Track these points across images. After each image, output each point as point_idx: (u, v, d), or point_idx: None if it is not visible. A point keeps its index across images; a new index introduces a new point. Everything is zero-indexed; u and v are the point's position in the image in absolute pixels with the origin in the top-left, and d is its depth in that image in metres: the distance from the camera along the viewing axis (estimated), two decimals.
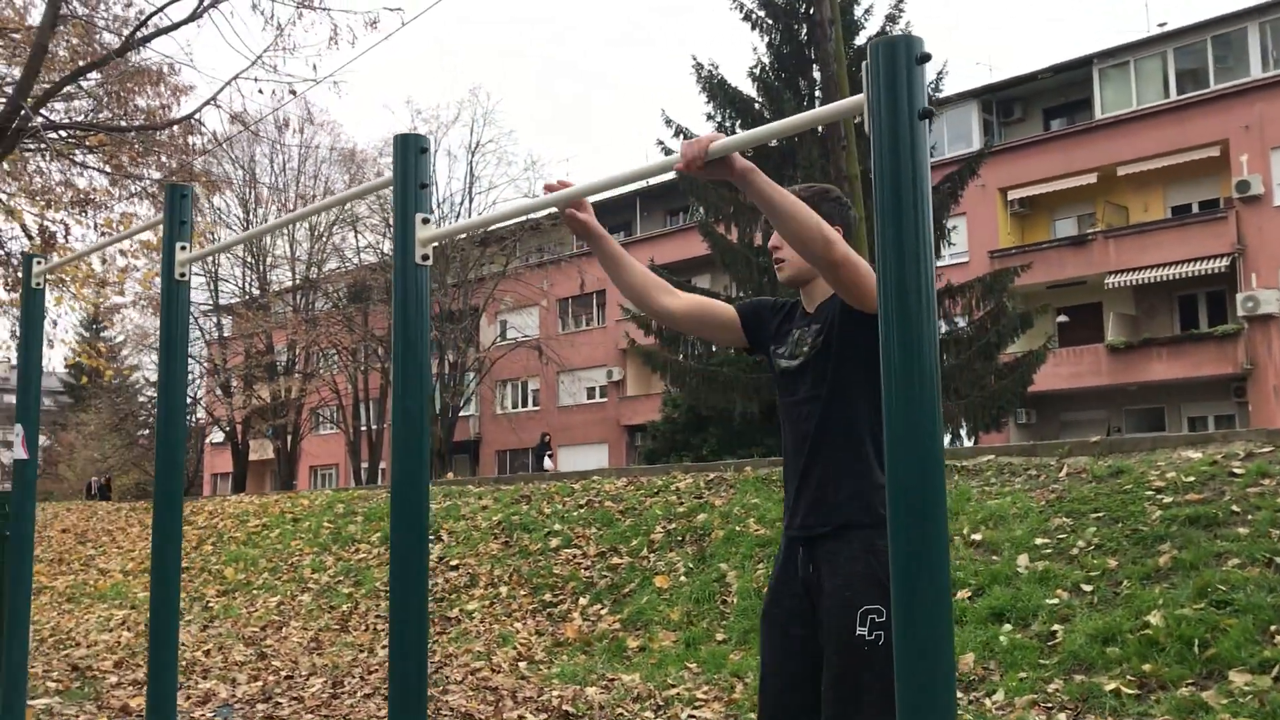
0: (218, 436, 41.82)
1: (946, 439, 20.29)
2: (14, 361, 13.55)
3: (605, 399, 35.38)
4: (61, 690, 7.11)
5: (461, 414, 33.99)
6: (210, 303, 35.42)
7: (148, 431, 44.85)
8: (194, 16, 8.85)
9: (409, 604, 2.90)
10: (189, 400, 43.04)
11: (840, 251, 2.46)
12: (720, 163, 2.37)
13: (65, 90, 12.36)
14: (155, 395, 42.33)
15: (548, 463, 27.52)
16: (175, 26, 9.21)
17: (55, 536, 17.57)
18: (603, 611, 8.03)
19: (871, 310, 2.47)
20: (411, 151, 3.11)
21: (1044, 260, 26.29)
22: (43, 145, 10.40)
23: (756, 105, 21.84)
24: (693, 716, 5.51)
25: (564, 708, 5.83)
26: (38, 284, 5.30)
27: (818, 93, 20.10)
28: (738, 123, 21.77)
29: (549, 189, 2.85)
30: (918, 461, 1.85)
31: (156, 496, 4.18)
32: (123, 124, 10.69)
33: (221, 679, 7.44)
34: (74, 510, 21.04)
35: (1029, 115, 29.92)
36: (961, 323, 21.00)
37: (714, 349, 20.95)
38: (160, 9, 9.41)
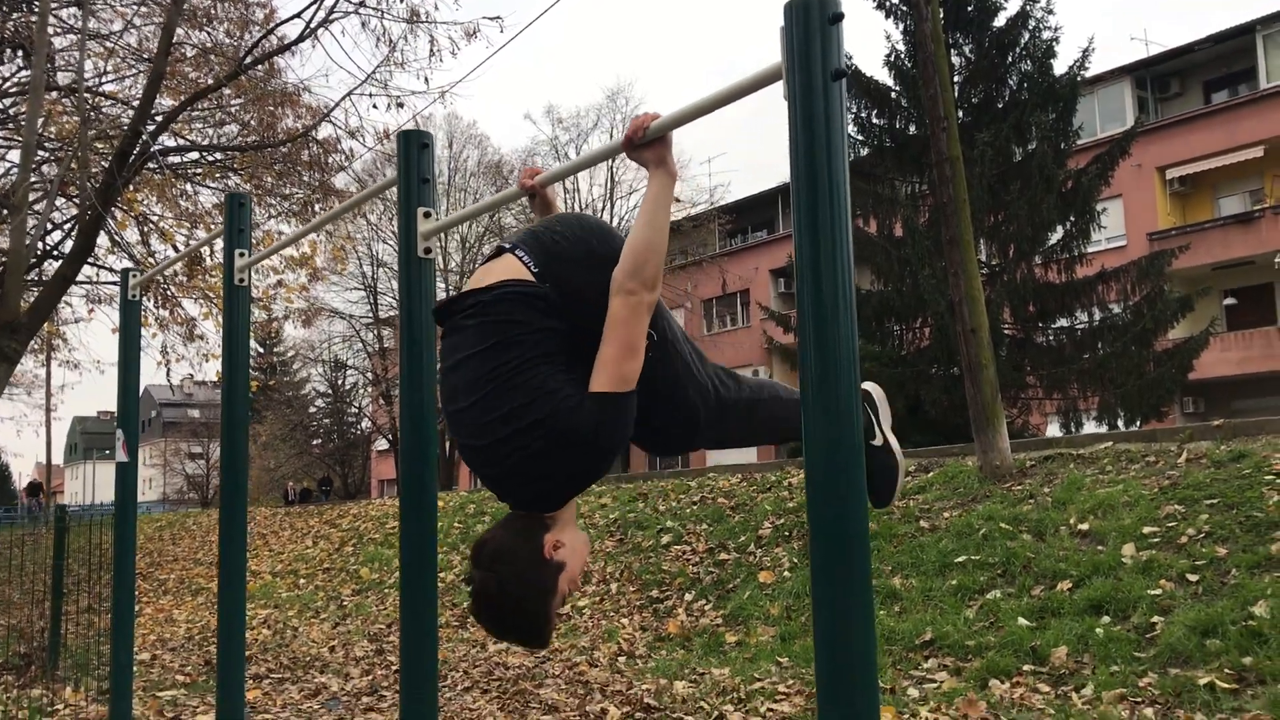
0: (382, 444, 43.47)
1: (1103, 428, 19.43)
2: (197, 376, 14.34)
3: None
4: (188, 683, 7.48)
5: None
6: (370, 316, 36.88)
7: (319, 440, 46.92)
8: (303, 37, 9.20)
9: (419, 598, 2.98)
10: (355, 410, 45.00)
11: (650, 300, 2.17)
12: (653, 145, 2.30)
13: (218, 116, 13.09)
14: (324, 405, 43.93)
15: None
16: (287, 47, 9.59)
17: (215, 541, 18.43)
18: (706, 607, 8.00)
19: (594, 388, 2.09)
20: (414, 147, 3.19)
21: (1208, 240, 24.97)
22: (173, 168, 10.93)
23: (893, 95, 21.45)
24: (771, 710, 5.43)
25: (647, 701, 5.84)
26: (133, 295, 5.61)
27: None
28: (874, 113, 21.42)
29: (527, 174, 2.84)
30: (830, 457, 1.77)
31: (222, 499, 4.40)
32: (238, 144, 11.17)
33: (337, 674, 7.72)
34: None
35: (1187, 90, 28.39)
36: (1116, 309, 20.14)
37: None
38: (269, 31, 9.82)
